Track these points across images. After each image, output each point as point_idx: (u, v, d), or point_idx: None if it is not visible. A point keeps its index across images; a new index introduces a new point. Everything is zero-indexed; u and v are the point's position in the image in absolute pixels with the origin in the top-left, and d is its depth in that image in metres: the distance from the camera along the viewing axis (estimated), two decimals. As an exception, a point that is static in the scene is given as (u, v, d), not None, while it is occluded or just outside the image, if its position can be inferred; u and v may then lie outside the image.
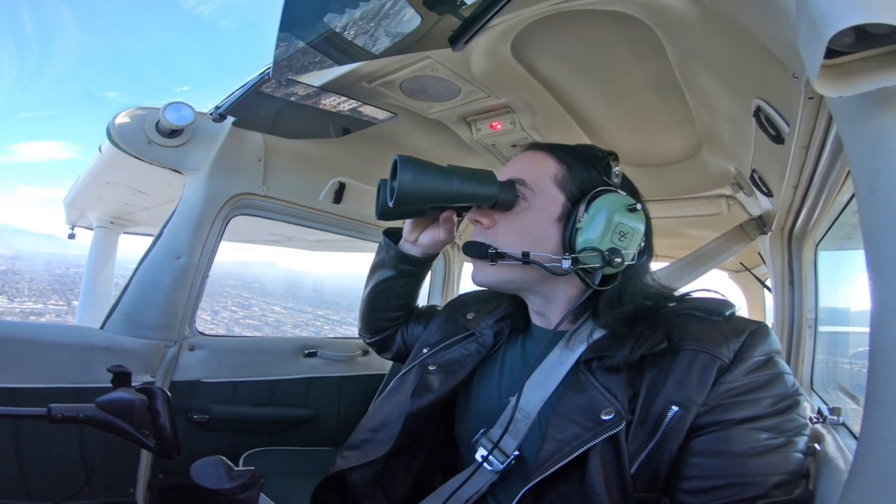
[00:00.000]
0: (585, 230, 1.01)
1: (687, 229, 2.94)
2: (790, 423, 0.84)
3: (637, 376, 0.93)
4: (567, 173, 1.08)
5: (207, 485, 0.97)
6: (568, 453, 0.88)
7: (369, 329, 1.58)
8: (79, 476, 1.89)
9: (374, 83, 1.77)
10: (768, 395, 0.85)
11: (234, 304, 28.70)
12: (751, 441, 0.82)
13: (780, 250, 2.03)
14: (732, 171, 2.03)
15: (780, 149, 1.27)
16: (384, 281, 1.44)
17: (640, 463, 0.87)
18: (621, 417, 0.88)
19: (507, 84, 1.74)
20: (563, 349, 1.08)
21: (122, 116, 2.02)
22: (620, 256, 1.00)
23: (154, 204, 3.41)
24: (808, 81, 0.81)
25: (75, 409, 1.17)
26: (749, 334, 0.91)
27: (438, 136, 2.22)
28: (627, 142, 2.08)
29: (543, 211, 1.07)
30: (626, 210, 1.02)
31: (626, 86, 1.67)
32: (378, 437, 1.16)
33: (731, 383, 0.86)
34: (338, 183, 2.61)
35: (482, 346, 1.21)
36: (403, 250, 1.38)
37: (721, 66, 1.26)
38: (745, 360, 0.88)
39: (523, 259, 1.04)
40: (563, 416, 0.95)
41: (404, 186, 1.02)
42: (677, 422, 0.86)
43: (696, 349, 0.90)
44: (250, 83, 1.81)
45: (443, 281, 3.49)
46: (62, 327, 2.07)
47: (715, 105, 1.50)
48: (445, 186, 1.05)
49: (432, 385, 1.18)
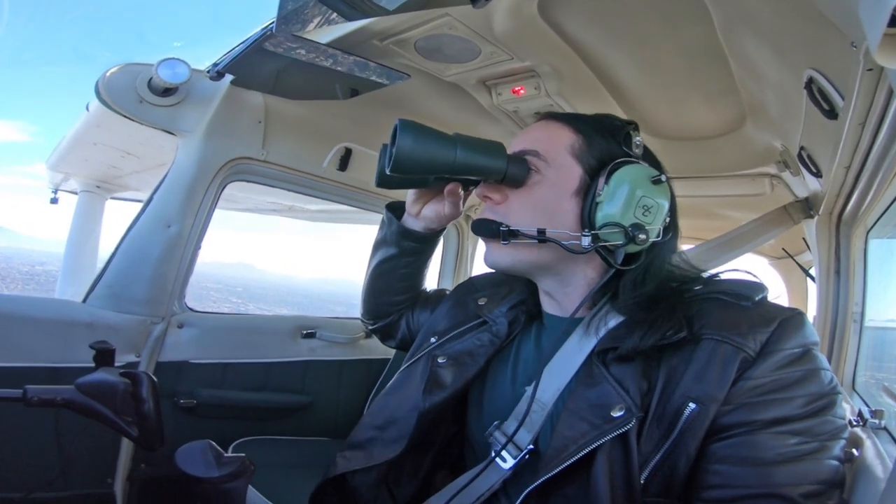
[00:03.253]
0: (606, 204, 1.00)
1: (724, 210, 2.93)
2: (824, 426, 0.82)
3: (654, 368, 0.92)
4: (584, 144, 1.07)
5: (193, 472, 0.96)
6: (574, 452, 0.88)
7: (372, 314, 1.58)
8: (53, 465, 1.89)
9: (387, 41, 1.77)
10: (801, 393, 0.83)
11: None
12: (779, 446, 0.80)
13: (826, 236, 2.03)
14: (778, 148, 2.01)
15: (832, 125, 1.26)
16: (386, 260, 1.43)
17: (653, 465, 0.86)
18: (632, 414, 0.87)
19: (532, 46, 1.73)
20: (582, 337, 1.06)
21: (111, 73, 2.01)
22: (645, 232, 0.99)
23: (144, 168, 3.43)
24: (867, 51, 0.80)
25: (53, 392, 1.16)
26: (780, 323, 0.88)
27: (455, 101, 2.20)
28: (663, 112, 2.07)
29: (559, 184, 1.06)
30: (649, 182, 1.01)
31: (663, 51, 1.65)
32: (386, 437, 1.15)
33: (759, 379, 0.84)
34: (343, 149, 2.61)
35: (496, 336, 1.20)
36: (406, 225, 1.38)
37: (771, 31, 1.24)
38: (775, 353, 0.86)
39: (539, 237, 1.03)
40: (573, 412, 0.94)
41: (402, 152, 1.03)
42: (694, 420, 0.84)
43: (719, 339, 0.89)
44: (251, 39, 1.80)
45: (454, 261, 3.48)
46: (40, 300, 2.07)
47: (762, 74, 1.48)
48: (448, 156, 1.05)
49: (444, 380, 1.17)
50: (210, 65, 2.11)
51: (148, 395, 1.18)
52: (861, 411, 1.23)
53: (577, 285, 1.11)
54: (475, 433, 1.17)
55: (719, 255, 2.21)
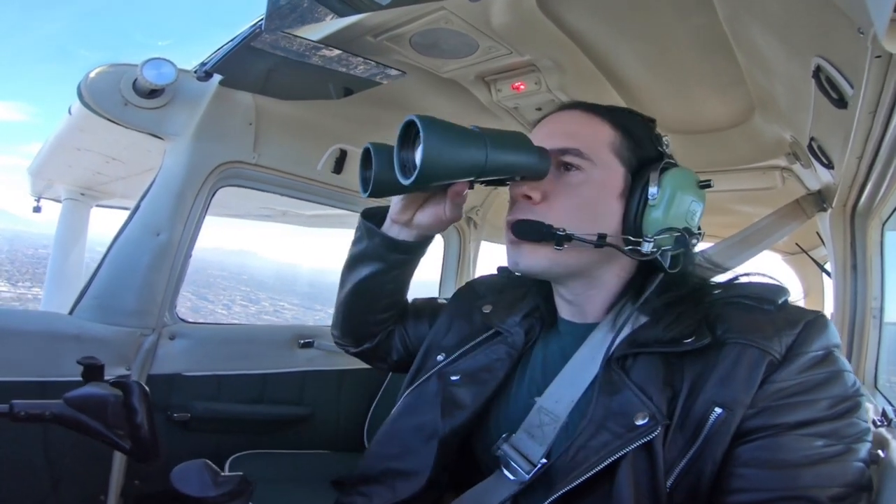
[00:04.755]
0: (659, 209, 1.02)
1: (735, 205, 2.93)
2: (850, 428, 0.83)
3: (677, 373, 0.93)
4: (626, 141, 1.07)
5: (190, 492, 0.96)
6: (596, 463, 0.88)
7: (352, 336, 1.48)
8: (44, 482, 1.88)
9: (381, 37, 1.77)
10: (825, 395, 0.84)
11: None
12: (805, 449, 0.81)
13: (841, 229, 2.03)
14: (788, 140, 2.01)
15: (842, 114, 1.26)
16: (370, 277, 1.30)
17: (678, 472, 0.86)
18: (657, 422, 0.87)
19: (532, 39, 1.74)
20: (597, 343, 1.05)
21: (94, 74, 2.01)
22: (696, 237, 1.03)
23: (130, 173, 3.44)
24: (875, 37, 0.81)
25: (41, 406, 1.14)
26: (804, 326, 0.90)
27: (453, 98, 2.21)
28: (669, 106, 2.07)
29: (604, 185, 1.05)
30: (697, 187, 1.05)
31: (667, 42, 1.66)
32: (405, 468, 1.11)
33: (784, 382, 0.85)
34: (338, 150, 2.61)
35: (513, 348, 1.16)
36: (391, 235, 1.26)
37: (777, 20, 1.25)
38: (800, 356, 0.87)
39: (599, 242, 1.01)
40: (593, 421, 0.94)
41: (432, 158, 0.88)
42: (721, 426, 0.85)
43: (744, 343, 0.89)
44: (240, 37, 1.81)
45: (456, 266, 3.45)
46: (25, 313, 2.08)
47: (769, 64, 1.49)
48: (479, 156, 0.92)
49: (463, 401, 1.13)
50: (197, 64, 2.11)
51: (139, 405, 1.16)
52: (885, 411, 1.23)
53: (602, 289, 1.11)
54: (481, 449, 1.15)
55: (738, 252, 2.20)
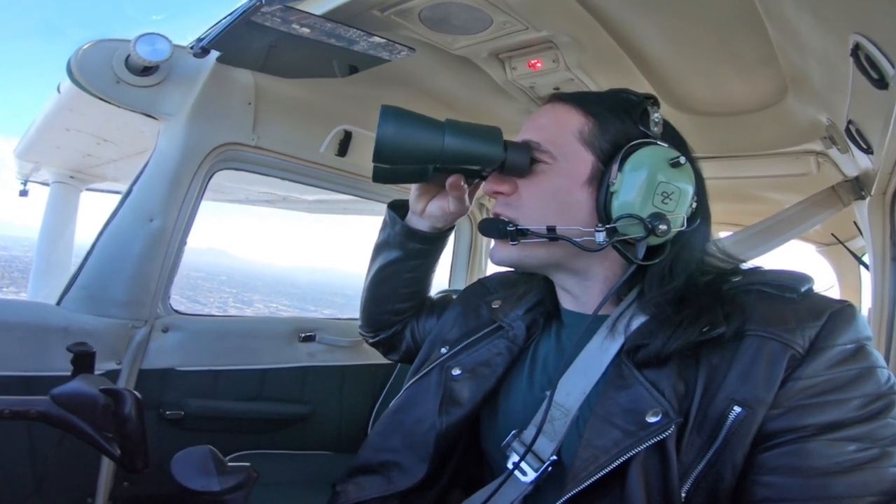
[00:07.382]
0: (621, 193, 1.00)
1: (765, 192, 2.92)
2: (885, 431, 0.81)
3: (691, 368, 0.92)
4: (595, 127, 1.07)
5: (191, 485, 0.97)
6: (606, 463, 0.88)
7: (373, 325, 1.60)
8: (26, 482, 1.88)
9: (388, 12, 1.78)
10: (857, 394, 0.83)
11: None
12: (836, 454, 0.80)
13: (881, 219, 2.01)
14: (824, 123, 2.00)
15: (883, 95, 1.26)
16: (390, 264, 1.44)
17: (696, 476, 0.85)
18: (670, 420, 0.87)
19: (550, 14, 1.73)
20: (606, 336, 1.06)
21: (85, 50, 2.01)
22: (666, 223, 0.99)
23: (122, 156, 3.44)
24: (917, 14, 0.81)
25: (26, 403, 1.15)
26: (829, 316, 0.88)
27: (465, 77, 2.21)
28: (695, 86, 2.06)
29: (569, 175, 1.07)
30: (668, 165, 1.00)
31: (694, 18, 1.65)
32: (404, 461, 1.17)
33: (810, 379, 0.84)
34: (343, 132, 2.61)
35: (513, 343, 1.20)
36: (411, 224, 1.38)
37: (813, -7, 1.24)
38: (826, 350, 0.86)
39: (549, 235, 1.04)
40: (602, 418, 0.94)
41: (384, 139, 1.06)
42: (741, 426, 0.84)
43: (764, 335, 0.89)
44: (239, 11, 1.80)
45: (468, 256, 3.47)
46: (10, 303, 2.07)
47: (804, 42, 1.48)
48: (435, 142, 1.08)
49: (461, 397, 1.17)
50: (194, 40, 2.10)
51: (132, 414, 1.16)
52: None
53: (596, 280, 1.12)
54: (490, 446, 1.18)
55: (761, 242, 2.19)
